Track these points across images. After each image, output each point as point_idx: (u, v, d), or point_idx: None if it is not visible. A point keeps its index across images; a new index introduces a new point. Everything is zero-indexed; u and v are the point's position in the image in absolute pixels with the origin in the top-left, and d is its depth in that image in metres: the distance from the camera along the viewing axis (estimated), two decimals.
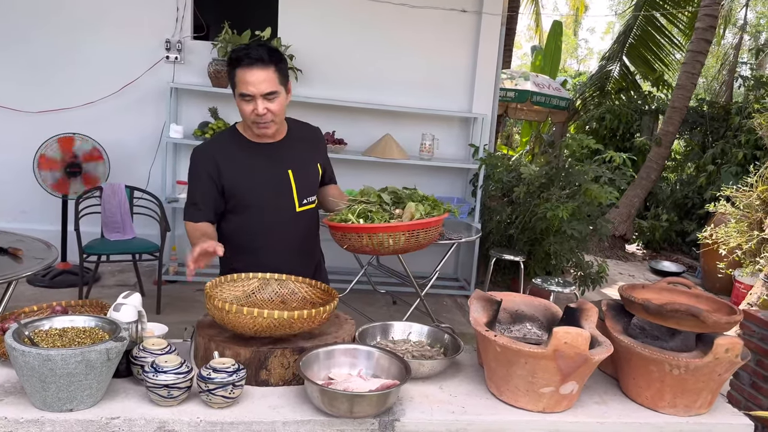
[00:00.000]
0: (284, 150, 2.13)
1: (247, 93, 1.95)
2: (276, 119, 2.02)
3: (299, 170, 2.14)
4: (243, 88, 1.95)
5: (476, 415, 1.56)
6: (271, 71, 1.95)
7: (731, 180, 7.25)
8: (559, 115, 9.85)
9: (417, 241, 1.95)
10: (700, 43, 8.08)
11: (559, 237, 5.01)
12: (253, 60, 1.93)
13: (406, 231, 1.90)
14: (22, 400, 1.43)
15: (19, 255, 2.85)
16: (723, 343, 1.57)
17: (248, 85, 1.94)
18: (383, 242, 1.91)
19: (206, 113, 5.21)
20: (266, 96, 1.96)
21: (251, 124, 2.02)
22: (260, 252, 2.12)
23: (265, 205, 2.08)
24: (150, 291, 4.64)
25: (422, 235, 1.94)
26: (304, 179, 2.15)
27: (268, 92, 1.95)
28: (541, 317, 1.87)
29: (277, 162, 2.10)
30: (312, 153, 2.23)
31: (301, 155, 2.17)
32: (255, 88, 1.94)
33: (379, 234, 1.90)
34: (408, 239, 1.92)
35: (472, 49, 5.63)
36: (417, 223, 1.91)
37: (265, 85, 1.94)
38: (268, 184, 2.08)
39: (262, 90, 1.94)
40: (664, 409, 1.66)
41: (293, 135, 2.18)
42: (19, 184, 5.03)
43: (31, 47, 5.09)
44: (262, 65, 1.93)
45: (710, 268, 6.66)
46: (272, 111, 1.98)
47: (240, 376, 1.48)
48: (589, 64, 21.95)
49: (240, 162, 2.07)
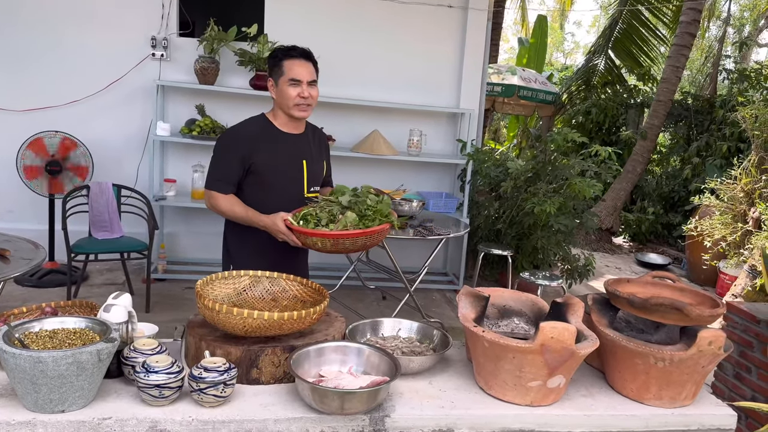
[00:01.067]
0: (302, 142, 2.49)
1: (297, 78, 2.33)
2: (313, 104, 2.40)
3: (311, 162, 2.49)
4: (294, 74, 2.33)
5: (465, 409, 1.59)
6: (311, 65, 2.39)
7: (716, 173, 7.34)
8: (546, 109, 9.91)
9: (345, 247, 2.20)
10: (685, 36, 8.16)
11: (546, 231, 5.05)
12: (301, 53, 2.37)
13: (331, 238, 2.14)
14: (13, 402, 1.43)
15: (7, 255, 2.83)
16: (706, 336, 1.60)
17: (300, 71, 2.34)
18: (315, 243, 2.18)
19: (193, 110, 5.19)
20: (310, 83, 2.36)
21: (293, 106, 2.36)
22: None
23: (282, 185, 2.41)
24: (139, 289, 4.63)
25: (348, 243, 2.17)
26: (314, 170, 2.51)
27: (312, 80, 2.37)
28: (529, 312, 1.90)
29: (296, 151, 2.45)
30: (320, 150, 2.59)
31: (313, 149, 2.53)
32: (303, 75, 2.34)
33: (310, 237, 2.16)
34: (334, 245, 2.16)
35: (459, 45, 5.64)
36: (340, 234, 2.13)
37: (310, 74, 2.37)
38: (287, 168, 2.42)
39: (308, 77, 2.35)
40: (649, 401, 1.69)
41: (309, 132, 2.54)
42: (5, 183, 4.99)
43: (15, 45, 5.03)
44: (308, 59, 2.38)
45: (695, 259, 6.74)
46: (313, 96, 2.38)
47: (231, 375, 1.49)
48: (575, 57, 22.06)
49: (268, 145, 2.40)
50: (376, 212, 2.23)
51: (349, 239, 2.14)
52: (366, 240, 2.18)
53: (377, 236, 2.21)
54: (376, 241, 2.25)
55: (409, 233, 3.99)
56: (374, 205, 2.25)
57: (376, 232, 2.18)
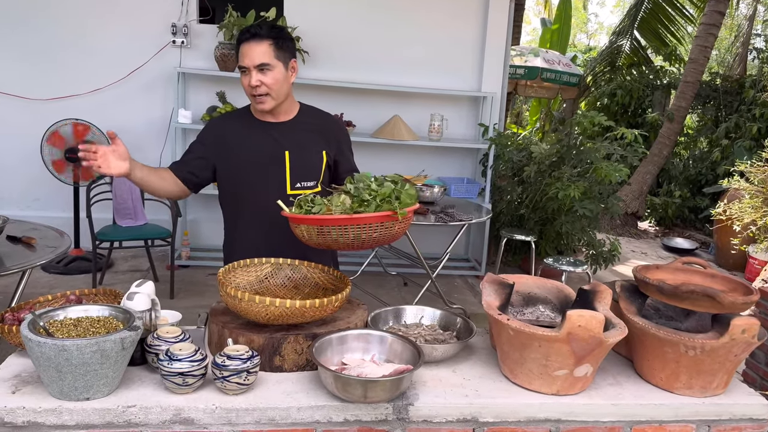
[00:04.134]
0: (286, 131, 2.16)
1: (242, 65, 2.03)
2: (272, 93, 2.05)
3: (297, 153, 2.15)
4: (239, 61, 2.05)
5: (490, 398, 1.56)
6: (265, 45, 2.01)
7: (745, 155, 7.16)
8: (570, 92, 9.73)
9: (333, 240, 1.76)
10: (713, 15, 7.93)
11: (571, 216, 4.98)
12: (250, 35, 2.02)
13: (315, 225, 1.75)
14: (39, 389, 1.44)
15: (33, 244, 2.87)
16: (740, 323, 1.56)
17: (243, 57, 2.03)
18: (302, 233, 1.80)
19: (214, 98, 5.19)
20: (259, 68, 2.01)
21: (249, 98, 2.10)
22: (253, 230, 2.18)
23: (254, 180, 2.13)
24: (163, 276, 4.67)
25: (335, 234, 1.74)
26: (301, 162, 2.16)
27: (259, 63, 2.00)
28: (554, 299, 1.86)
29: (276, 141, 2.14)
30: (318, 139, 2.21)
31: (303, 138, 2.18)
32: (249, 59, 2.01)
33: (297, 225, 1.81)
34: (320, 234, 1.76)
35: (481, 27, 5.55)
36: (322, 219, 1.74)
37: (258, 56, 2.00)
38: (261, 161, 2.13)
39: (255, 62, 2.00)
40: (679, 390, 1.65)
41: (301, 119, 2.21)
42: (30, 172, 5.06)
43: (37, 35, 5.08)
44: (258, 39, 2.01)
45: (723, 244, 6.60)
46: (266, 84, 2.03)
47: (254, 362, 1.48)
48: (599, 38, 21.62)
49: (242, 137, 2.15)
50: (376, 197, 1.77)
51: (335, 228, 1.72)
52: (359, 231, 1.73)
53: (378, 228, 1.75)
54: (380, 235, 1.77)
55: (430, 219, 3.96)
56: (376, 191, 1.78)
57: (370, 221, 1.72)
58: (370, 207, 1.75)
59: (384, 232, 1.78)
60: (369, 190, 1.79)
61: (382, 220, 1.75)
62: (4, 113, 5.12)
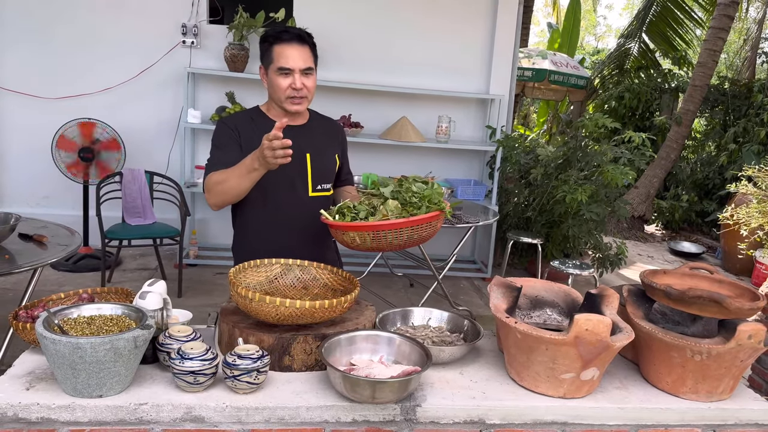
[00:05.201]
0: (304, 134, 2.17)
1: (286, 67, 2.03)
2: (309, 96, 2.11)
3: (316, 155, 2.18)
4: (282, 62, 2.03)
5: (497, 400, 1.58)
6: (307, 49, 2.06)
7: (753, 159, 7.15)
8: (578, 94, 9.73)
9: (388, 242, 1.85)
10: (722, 19, 7.91)
11: (577, 219, 4.98)
12: (292, 36, 2.04)
13: (370, 231, 1.83)
14: (53, 386, 1.46)
15: (44, 242, 2.90)
16: (746, 329, 1.56)
17: (288, 59, 2.03)
18: (354, 240, 1.87)
19: (223, 98, 5.23)
20: (304, 71, 2.06)
21: (285, 99, 2.08)
22: (272, 231, 2.17)
23: (279, 184, 2.12)
24: (171, 275, 4.70)
25: (391, 237, 1.83)
26: (321, 165, 2.19)
27: (306, 68, 2.05)
28: (562, 303, 1.87)
29: (295, 144, 2.06)
30: (331, 143, 2.26)
31: (320, 142, 2.21)
32: (294, 62, 2.03)
33: (347, 233, 1.87)
34: (375, 239, 1.84)
35: (489, 29, 5.56)
36: (379, 225, 1.82)
37: (303, 60, 2.04)
38: (285, 165, 2.06)
39: (301, 65, 2.04)
40: (685, 395, 1.66)
41: (313, 123, 2.24)
42: (41, 170, 5.11)
43: (48, 34, 5.12)
44: (301, 42, 2.05)
45: (731, 248, 6.59)
46: (307, 87, 2.08)
47: (264, 362, 1.50)
48: (607, 41, 21.57)
49: (260, 139, 2.05)
50: (422, 199, 1.89)
51: (391, 231, 1.82)
52: (412, 232, 1.85)
53: (426, 227, 1.88)
54: (427, 233, 1.90)
55: None
56: (420, 192, 1.90)
57: (424, 222, 1.85)
58: (421, 209, 1.87)
59: (430, 230, 1.91)
60: (412, 193, 1.91)
61: (431, 220, 1.88)
62: (15, 111, 5.17)
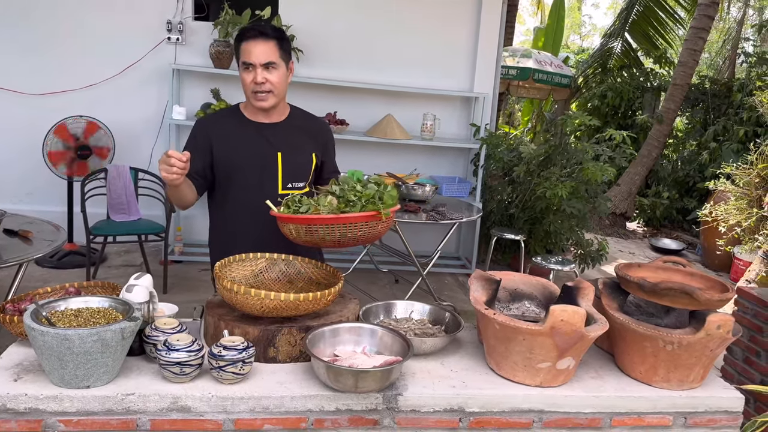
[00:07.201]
0: (278, 132, 2.21)
1: (248, 62, 2.07)
2: (275, 91, 2.11)
3: (289, 154, 2.21)
4: (245, 58, 2.08)
5: (476, 389, 1.63)
6: (271, 44, 2.07)
7: (732, 157, 7.27)
8: (562, 93, 9.82)
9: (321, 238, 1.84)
10: (703, 19, 8.04)
11: (559, 215, 5.06)
12: (256, 33, 2.07)
13: (303, 224, 1.84)
14: (40, 377, 1.49)
15: (30, 237, 2.91)
16: (715, 320, 1.63)
17: (250, 54, 2.07)
18: (290, 231, 1.89)
19: (208, 94, 5.23)
20: (266, 66, 2.07)
21: (250, 95, 2.12)
22: (243, 228, 2.21)
23: (247, 181, 2.17)
24: (156, 271, 4.70)
25: (323, 232, 1.82)
26: (293, 163, 2.22)
27: (267, 62, 2.07)
28: (539, 295, 1.93)
29: (268, 142, 2.18)
30: (309, 141, 2.28)
31: (294, 140, 2.23)
32: (255, 57, 2.06)
33: (286, 224, 1.89)
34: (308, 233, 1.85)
35: (474, 27, 5.62)
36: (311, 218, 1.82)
37: (265, 55, 2.06)
38: (254, 162, 2.17)
39: (262, 59, 2.06)
40: (657, 384, 1.72)
41: (292, 121, 2.26)
42: (24, 166, 5.08)
43: (32, 30, 5.08)
44: (264, 38, 2.07)
45: (710, 245, 6.71)
46: (271, 81, 2.09)
47: (249, 353, 1.54)
48: (592, 40, 21.75)
49: (233, 137, 2.17)
50: (361, 198, 1.86)
51: (322, 227, 1.81)
52: (345, 229, 1.82)
53: (363, 227, 1.84)
54: (364, 233, 1.87)
55: (421, 217, 4.02)
56: (362, 192, 1.87)
57: (355, 221, 1.81)
58: (355, 207, 1.85)
59: (368, 231, 1.88)
60: (354, 191, 1.88)
61: (366, 220, 1.85)
62: None
